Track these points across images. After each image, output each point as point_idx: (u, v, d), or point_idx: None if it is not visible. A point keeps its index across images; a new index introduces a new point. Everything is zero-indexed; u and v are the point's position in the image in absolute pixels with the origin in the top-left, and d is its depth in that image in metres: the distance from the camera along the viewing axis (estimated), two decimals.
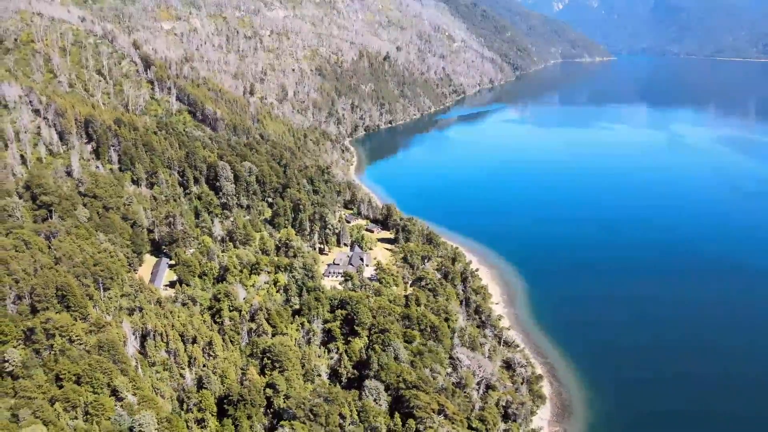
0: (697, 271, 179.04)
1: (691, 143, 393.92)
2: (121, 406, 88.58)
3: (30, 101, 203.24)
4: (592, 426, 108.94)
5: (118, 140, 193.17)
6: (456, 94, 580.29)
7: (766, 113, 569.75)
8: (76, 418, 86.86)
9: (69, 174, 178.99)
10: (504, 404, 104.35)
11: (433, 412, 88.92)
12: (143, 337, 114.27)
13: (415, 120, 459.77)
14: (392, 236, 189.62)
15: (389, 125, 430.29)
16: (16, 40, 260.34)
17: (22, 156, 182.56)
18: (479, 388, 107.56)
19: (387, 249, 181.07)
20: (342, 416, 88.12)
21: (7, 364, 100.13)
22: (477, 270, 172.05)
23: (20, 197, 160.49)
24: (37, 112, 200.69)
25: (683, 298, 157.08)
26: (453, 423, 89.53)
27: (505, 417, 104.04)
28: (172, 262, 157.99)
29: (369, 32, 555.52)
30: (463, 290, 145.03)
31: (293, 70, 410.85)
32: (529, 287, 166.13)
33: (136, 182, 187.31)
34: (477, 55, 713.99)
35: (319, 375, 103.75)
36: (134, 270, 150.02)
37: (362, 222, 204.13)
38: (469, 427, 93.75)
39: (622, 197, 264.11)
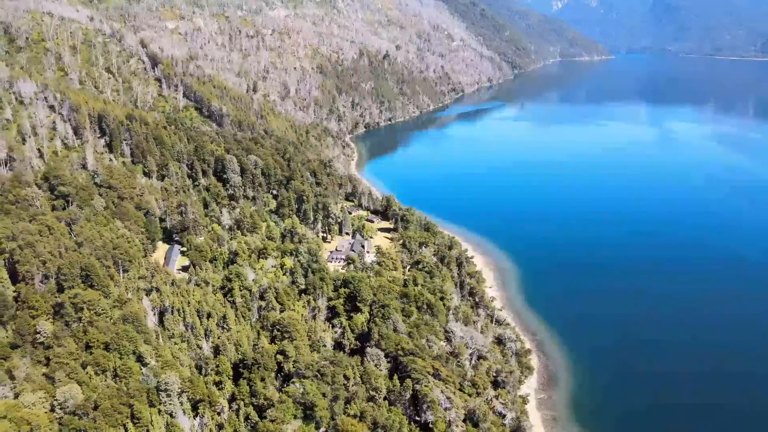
0: (677, 255, 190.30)
1: (685, 140, 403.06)
2: (147, 369, 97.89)
3: (45, 97, 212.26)
4: (575, 394, 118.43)
5: (130, 134, 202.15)
6: (455, 92, 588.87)
7: (763, 111, 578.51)
8: (106, 379, 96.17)
9: (84, 167, 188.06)
10: (494, 373, 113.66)
11: (429, 374, 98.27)
12: (161, 314, 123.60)
13: (415, 117, 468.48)
14: (392, 226, 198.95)
15: (389, 122, 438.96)
16: (27, 38, 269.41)
17: (39, 149, 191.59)
18: (471, 358, 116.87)
19: (387, 237, 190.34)
20: (346, 377, 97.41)
21: (39, 335, 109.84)
22: (472, 257, 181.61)
23: (39, 188, 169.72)
24: (52, 107, 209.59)
25: (663, 284, 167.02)
26: (446, 384, 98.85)
27: (495, 384, 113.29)
28: (184, 249, 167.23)
29: (369, 31, 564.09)
30: (458, 274, 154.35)
31: (295, 68, 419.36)
32: (521, 273, 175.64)
33: (147, 174, 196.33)
34: (476, 53, 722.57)
35: (325, 345, 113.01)
36: (149, 255, 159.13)
37: (363, 213, 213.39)
38: (461, 390, 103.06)
39: (612, 191, 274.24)
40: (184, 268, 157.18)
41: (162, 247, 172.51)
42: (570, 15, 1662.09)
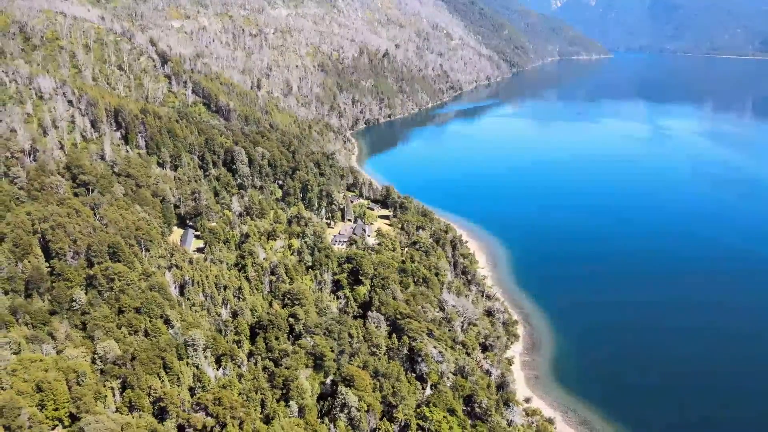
0: (654, 241, 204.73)
1: (679, 136, 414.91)
2: (173, 330, 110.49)
3: (63, 93, 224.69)
4: (556, 357, 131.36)
5: (145, 127, 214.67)
6: (453, 90, 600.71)
7: (761, 109, 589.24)
8: (138, 337, 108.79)
9: (102, 157, 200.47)
10: (483, 337, 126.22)
11: (423, 333, 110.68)
12: (181, 287, 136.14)
13: (413, 114, 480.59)
14: (391, 213, 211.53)
15: (388, 119, 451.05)
16: (42, 37, 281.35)
17: (59, 141, 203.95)
18: (462, 324, 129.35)
19: (386, 224, 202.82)
20: (350, 335, 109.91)
21: (74, 303, 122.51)
22: (467, 242, 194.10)
23: (62, 177, 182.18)
24: (70, 102, 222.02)
25: (639, 267, 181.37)
26: (439, 341, 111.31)
27: (484, 348, 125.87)
28: (198, 232, 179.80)
29: (369, 30, 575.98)
30: (452, 254, 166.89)
31: (297, 66, 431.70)
32: (511, 256, 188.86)
33: (161, 165, 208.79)
34: (474, 52, 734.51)
35: (331, 312, 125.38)
36: (166, 237, 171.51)
37: (364, 202, 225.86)
38: (452, 349, 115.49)
39: (600, 183, 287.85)
40: (199, 250, 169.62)
41: (177, 232, 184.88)
42: (569, 14, 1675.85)
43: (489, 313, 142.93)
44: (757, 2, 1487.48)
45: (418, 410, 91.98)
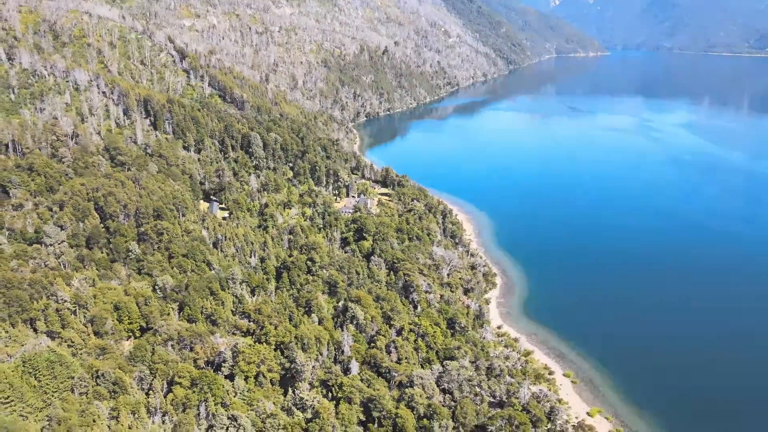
0: (624, 208, 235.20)
1: (666, 130, 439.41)
2: (215, 271, 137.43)
3: (97, 84, 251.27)
4: (525, 300, 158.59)
5: (171, 115, 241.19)
6: (450, 86, 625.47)
7: (758, 106, 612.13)
8: (187, 275, 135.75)
9: (134, 141, 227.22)
10: (465, 282, 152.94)
11: (415, 272, 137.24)
12: (215, 243, 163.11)
13: (412, 109, 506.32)
14: (390, 190, 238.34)
15: (387, 113, 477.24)
16: (70, 35, 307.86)
17: (96, 127, 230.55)
18: (449, 271, 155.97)
19: (386, 199, 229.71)
20: (357, 272, 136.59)
21: (131, 253, 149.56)
22: (456, 215, 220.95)
23: (102, 157, 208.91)
24: (104, 93, 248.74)
25: (606, 229, 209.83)
26: (427, 278, 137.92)
27: (466, 291, 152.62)
28: (222, 204, 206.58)
29: (369, 28, 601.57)
30: (442, 222, 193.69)
31: (301, 62, 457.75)
32: (494, 225, 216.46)
33: (186, 148, 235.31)
34: (471, 49, 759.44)
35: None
36: (197, 206, 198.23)
37: (366, 182, 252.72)
38: (439, 287, 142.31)
39: (583, 169, 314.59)
40: (224, 219, 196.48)
41: (203, 204, 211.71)
42: (567, 12, 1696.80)
43: (472, 267, 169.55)
44: (753, 0, 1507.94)
45: (410, 320, 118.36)
